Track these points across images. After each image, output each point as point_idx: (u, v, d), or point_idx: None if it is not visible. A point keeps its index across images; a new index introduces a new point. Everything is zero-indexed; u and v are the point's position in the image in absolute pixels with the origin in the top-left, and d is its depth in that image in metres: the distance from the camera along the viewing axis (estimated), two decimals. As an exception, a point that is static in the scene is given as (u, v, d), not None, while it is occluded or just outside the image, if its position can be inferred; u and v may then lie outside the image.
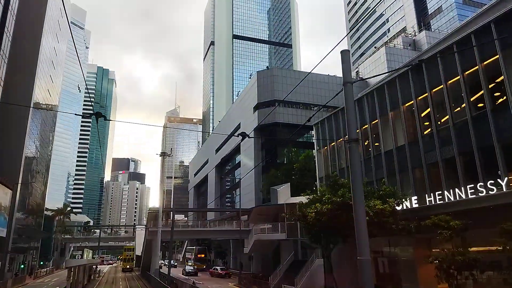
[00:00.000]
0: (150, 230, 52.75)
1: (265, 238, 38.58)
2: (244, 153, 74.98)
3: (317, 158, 36.99)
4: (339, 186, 22.49)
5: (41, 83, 67.75)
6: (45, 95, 73.14)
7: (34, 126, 68.91)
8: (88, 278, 46.73)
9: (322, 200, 22.51)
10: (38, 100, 66.85)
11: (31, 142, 67.88)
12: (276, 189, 42.06)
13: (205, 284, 42.70)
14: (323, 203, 22.03)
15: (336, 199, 20.90)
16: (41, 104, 70.52)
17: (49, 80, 75.18)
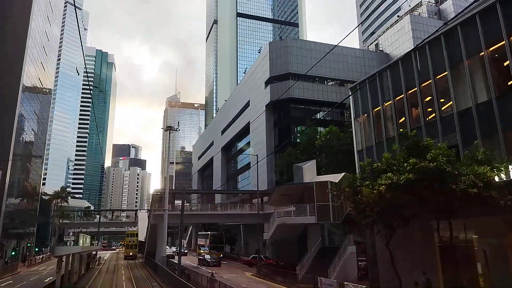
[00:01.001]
0: (155, 214, 47.02)
1: (290, 222, 32.82)
2: (255, 132, 68.87)
3: (355, 128, 30.93)
4: (421, 149, 16.43)
5: (30, 69, 61.25)
6: (36, 82, 66.60)
7: (27, 109, 62.67)
8: (86, 267, 41.21)
9: (397, 169, 16.50)
10: (26, 86, 60.47)
11: (24, 124, 61.75)
12: (301, 167, 36.13)
13: (219, 274, 37.16)
14: (400, 172, 16.03)
15: (425, 165, 14.88)
16: (32, 87, 64.23)
17: (39, 66, 68.49)
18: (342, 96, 63.84)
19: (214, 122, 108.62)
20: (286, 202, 35.32)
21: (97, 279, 34.45)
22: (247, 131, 73.45)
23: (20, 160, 57.08)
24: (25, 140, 63.59)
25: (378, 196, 17.48)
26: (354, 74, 64.86)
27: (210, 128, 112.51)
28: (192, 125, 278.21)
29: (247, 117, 72.63)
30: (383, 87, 27.93)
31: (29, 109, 63.86)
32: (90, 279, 33.94)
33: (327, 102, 63.05)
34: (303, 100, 62.44)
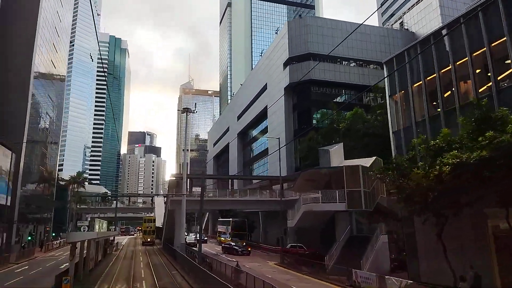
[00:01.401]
0: (172, 199, 45.24)
1: (317, 209, 30.44)
2: (272, 117, 66.22)
3: (390, 107, 28.04)
4: (493, 121, 13.68)
5: (42, 51, 59.32)
6: (49, 64, 64.79)
7: (41, 94, 61.21)
8: (103, 253, 39.81)
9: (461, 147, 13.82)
10: (39, 70, 58.67)
11: (39, 110, 60.44)
12: (328, 150, 33.56)
13: (240, 262, 35.22)
14: (469, 149, 13.35)
15: (506, 139, 12.15)
16: (45, 73, 62.49)
17: (52, 49, 66.54)
18: (365, 78, 60.59)
19: (229, 108, 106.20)
20: (311, 188, 32.92)
21: (114, 266, 32.89)
22: (265, 115, 70.85)
23: (34, 143, 55.83)
24: (40, 125, 62.43)
25: (436, 179, 14.87)
26: (378, 55, 61.28)
27: (225, 114, 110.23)
28: (206, 112, 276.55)
29: (265, 101, 69.97)
30: (426, 59, 24.91)
31: (43, 93, 62.46)
32: (107, 266, 32.39)
33: (349, 84, 59.87)
34: (323, 82, 59.41)
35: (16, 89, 52.29)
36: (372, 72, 61.27)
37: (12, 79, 52.46)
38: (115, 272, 29.15)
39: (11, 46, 53.98)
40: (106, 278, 25.69)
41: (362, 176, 29.41)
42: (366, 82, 60.06)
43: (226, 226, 52.25)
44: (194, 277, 25.29)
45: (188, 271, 28.09)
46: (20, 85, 52.72)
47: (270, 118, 67.53)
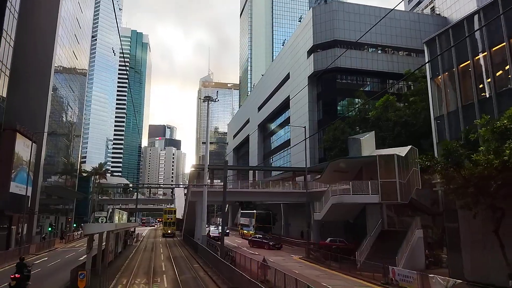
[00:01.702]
0: (193, 190, 43.86)
1: (348, 201, 28.26)
2: (295, 107, 63.92)
3: (432, 91, 25.48)
4: None
5: (63, 42, 58.62)
6: (71, 56, 64.22)
7: (63, 84, 60.80)
8: (124, 244, 38.88)
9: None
10: (61, 61, 58.00)
11: (62, 102, 60.11)
12: (358, 139, 31.22)
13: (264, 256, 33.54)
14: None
15: None
16: (66, 66, 61.94)
17: (74, 40, 65.96)
18: (393, 65, 57.51)
19: (250, 99, 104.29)
20: (340, 179, 30.69)
21: (134, 258, 31.74)
22: (287, 105, 68.62)
23: (57, 135, 55.46)
24: (62, 117, 62.17)
25: (502, 166, 12.56)
26: (407, 41, 58.09)
27: (245, 105, 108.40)
28: (225, 105, 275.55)
29: (287, 91, 67.70)
30: (474, 37, 22.25)
31: (64, 86, 62.09)
32: (126, 258, 31.28)
33: (377, 72, 56.91)
34: (349, 70, 56.64)
35: (38, 82, 51.76)
36: (400, 59, 58.06)
37: (34, 72, 51.95)
38: (135, 265, 27.92)
39: (33, 37, 53.46)
40: (126, 272, 24.42)
41: (397, 166, 27.04)
42: (394, 69, 57.09)
43: (249, 218, 50.38)
44: (217, 272, 23.72)
45: (211, 265, 26.57)
46: (41, 77, 52.16)
47: (292, 108, 65.26)
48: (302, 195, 46.47)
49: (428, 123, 39.60)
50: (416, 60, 57.55)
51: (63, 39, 58.78)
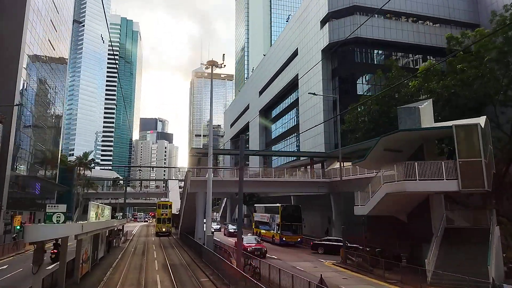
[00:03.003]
0: (193, 179, 35.78)
1: (412, 190, 20.42)
2: (305, 86, 55.94)
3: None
4: None
5: (36, 30, 49.68)
6: (45, 44, 55.07)
7: (35, 75, 51.76)
8: (107, 247, 30.75)
9: None
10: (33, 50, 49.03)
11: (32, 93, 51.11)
12: (416, 107, 23.37)
13: (285, 260, 25.85)
14: None
15: None
16: (40, 55, 52.88)
17: (49, 27, 56.76)
18: (420, 36, 49.88)
19: (249, 84, 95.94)
20: (390, 161, 22.90)
21: (119, 268, 23.61)
22: (295, 86, 60.64)
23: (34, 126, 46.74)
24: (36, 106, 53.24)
25: None
26: (437, 10, 50.43)
27: (244, 91, 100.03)
28: (218, 97, 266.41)
29: (295, 69, 59.68)
30: None
31: (39, 73, 53.15)
32: (109, 268, 23.15)
33: (402, 43, 49.24)
34: (371, 41, 48.77)
35: (6, 70, 43.11)
36: (428, 29, 50.45)
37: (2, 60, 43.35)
38: (119, 279, 19.83)
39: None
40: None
41: (481, 141, 19.35)
42: (421, 41, 49.56)
43: (270, 214, 39.70)
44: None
45: (225, 279, 18.66)
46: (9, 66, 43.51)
47: (302, 89, 57.28)
48: (323, 185, 38.82)
49: (480, 96, 32.31)
50: (446, 31, 49.99)
51: (36, 25, 49.89)
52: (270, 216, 38.47)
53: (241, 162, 21.58)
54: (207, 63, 31.37)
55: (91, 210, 19.96)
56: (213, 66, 31.50)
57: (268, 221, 39.15)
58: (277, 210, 37.08)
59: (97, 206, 22.16)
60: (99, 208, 22.66)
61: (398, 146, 23.18)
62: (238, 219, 21.59)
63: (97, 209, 21.91)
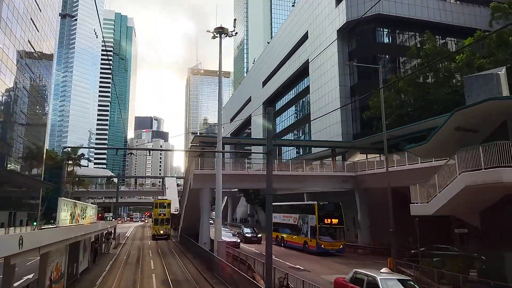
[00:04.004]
0: (197, 173, 29.84)
1: (509, 180, 14.76)
2: (318, 72, 50.20)
3: None
4: None
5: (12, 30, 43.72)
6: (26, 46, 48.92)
7: None
8: (93, 256, 24.77)
9: None
10: None
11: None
12: (494, 73, 17.76)
13: (336, 270, 20.09)
14: None
15: None
16: None
17: (29, 26, 50.54)
18: (447, 15, 44.34)
19: (250, 75, 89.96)
20: (459, 145, 17.25)
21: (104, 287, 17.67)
22: (305, 72, 54.87)
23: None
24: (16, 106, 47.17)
25: None
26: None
27: (245, 84, 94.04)
28: (214, 94, 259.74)
29: (305, 54, 53.89)
30: None
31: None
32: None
33: (428, 22, 43.59)
34: (394, 18, 43.17)
35: None
36: (456, 7, 45.01)
37: None
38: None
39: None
40: None
41: None
42: (448, 20, 44.06)
43: (298, 215, 30.93)
44: None
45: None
46: None
47: (313, 75, 51.52)
48: (347, 179, 33.04)
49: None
50: (477, 11, 44.64)
51: (12, 25, 43.78)
52: (299, 218, 30.90)
53: (269, 141, 15.71)
54: (215, 30, 25.43)
55: (63, 210, 13.97)
56: (221, 34, 25.58)
57: (295, 223, 31.25)
58: (311, 209, 29.33)
59: (74, 204, 16.15)
60: (77, 208, 16.64)
61: (474, 124, 17.45)
62: (267, 223, 15.69)
63: (73, 208, 15.91)
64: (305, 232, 29.68)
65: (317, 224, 28.24)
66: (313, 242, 28.42)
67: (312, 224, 28.86)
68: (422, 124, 27.21)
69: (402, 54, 42.71)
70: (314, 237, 28.27)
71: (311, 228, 28.87)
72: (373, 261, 25.51)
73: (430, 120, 26.16)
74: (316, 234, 28.14)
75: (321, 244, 27.79)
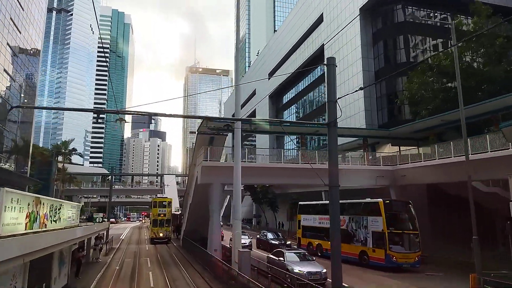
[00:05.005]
0: (206, 165, 24.22)
1: None
2: (336, 56, 44.67)
3: None
4: None
5: None
6: None
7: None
8: (77, 268, 19.20)
9: None
10: None
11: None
12: None
13: None
14: None
15: None
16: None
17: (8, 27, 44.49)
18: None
19: (254, 68, 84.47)
20: None
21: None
22: (318, 58, 49.49)
23: None
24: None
25: None
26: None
27: (249, 76, 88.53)
28: (213, 93, 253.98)
29: (319, 39, 48.58)
30: None
31: None
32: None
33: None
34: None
35: None
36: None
37: None
38: None
39: None
40: None
41: None
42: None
43: (350, 216, 23.36)
44: None
45: None
46: None
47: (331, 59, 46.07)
48: (382, 174, 27.61)
49: None
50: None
51: None
52: (352, 220, 23.04)
53: (332, 106, 10.34)
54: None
55: (9, 209, 8.38)
56: None
57: (344, 227, 23.05)
58: (374, 208, 21.81)
59: (35, 200, 10.49)
60: (41, 206, 11.01)
61: None
62: (332, 231, 10.23)
63: (34, 206, 10.30)
64: (362, 240, 22.41)
65: (386, 229, 20.63)
66: (379, 253, 20.98)
67: (376, 228, 21.27)
68: (489, 104, 21.75)
69: (435, 35, 37.53)
70: (380, 247, 20.93)
71: (375, 235, 21.40)
72: (425, 274, 20.13)
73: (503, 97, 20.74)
74: (384, 242, 20.66)
75: (392, 256, 20.36)
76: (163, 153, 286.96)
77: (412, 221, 21.56)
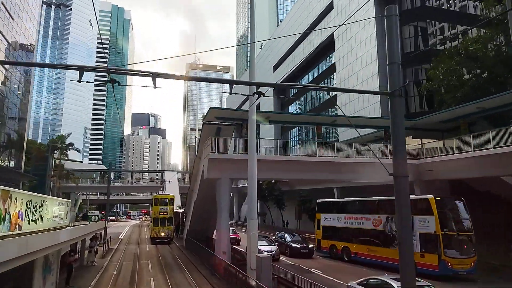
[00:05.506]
0: (213, 158, 21.65)
1: None
2: (347, 46, 42.22)
3: None
4: None
5: None
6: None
7: None
8: (68, 275, 16.65)
9: None
10: None
11: None
12: None
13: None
14: None
15: None
16: None
17: None
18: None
19: (258, 61, 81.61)
20: None
21: None
22: (327, 49, 46.94)
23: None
24: None
25: None
26: None
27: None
28: (214, 90, 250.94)
29: (328, 29, 45.93)
30: None
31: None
32: None
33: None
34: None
35: None
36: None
37: None
38: None
39: None
40: None
41: None
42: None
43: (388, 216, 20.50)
44: None
45: None
46: None
47: (340, 50, 43.51)
48: (411, 169, 24.73)
49: None
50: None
51: None
52: (393, 221, 19.70)
53: (394, 67, 7.91)
54: None
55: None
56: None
57: (380, 228, 20.41)
58: (422, 206, 18.51)
59: (4, 194, 7.89)
60: (11, 202, 8.42)
61: None
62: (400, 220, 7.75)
63: (5, 203, 7.70)
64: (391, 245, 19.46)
65: (439, 230, 17.33)
66: (430, 259, 17.59)
67: (426, 230, 17.90)
68: None
69: (455, 21, 34.92)
70: (432, 251, 17.64)
71: (424, 237, 18.02)
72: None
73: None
74: (437, 246, 17.40)
75: (447, 263, 17.09)
76: (163, 150, 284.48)
77: (467, 220, 18.59)
